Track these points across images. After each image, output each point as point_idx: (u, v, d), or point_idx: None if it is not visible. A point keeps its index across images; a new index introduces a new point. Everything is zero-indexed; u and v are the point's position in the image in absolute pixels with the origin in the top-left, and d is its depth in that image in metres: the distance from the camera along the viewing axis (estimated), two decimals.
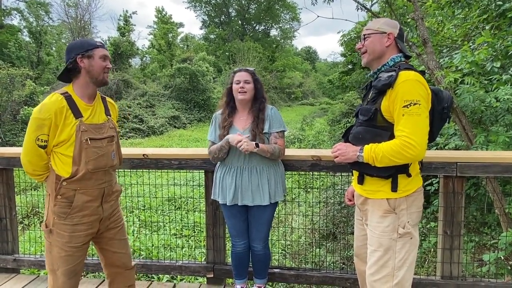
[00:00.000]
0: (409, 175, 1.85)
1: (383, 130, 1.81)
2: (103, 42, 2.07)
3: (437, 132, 1.96)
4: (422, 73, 1.85)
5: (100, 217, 2.06)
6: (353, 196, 2.24)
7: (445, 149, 4.23)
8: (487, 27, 4.44)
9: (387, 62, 1.88)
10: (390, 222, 1.85)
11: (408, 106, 1.70)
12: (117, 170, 2.47)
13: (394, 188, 1.83)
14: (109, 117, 2.11)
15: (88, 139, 1.95)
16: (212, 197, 2.62)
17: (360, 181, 1.96)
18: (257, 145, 2.33)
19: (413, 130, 1.69)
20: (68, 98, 1.95)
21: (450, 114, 2.14)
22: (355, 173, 2.02)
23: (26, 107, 14.39)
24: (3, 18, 24.98)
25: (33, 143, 1.91)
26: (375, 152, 1.76)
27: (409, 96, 1.70)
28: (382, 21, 1.94)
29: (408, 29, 4.73)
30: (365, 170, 1.89)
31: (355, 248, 2.22)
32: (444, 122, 1.95)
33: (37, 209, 6.36)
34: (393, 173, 1.82)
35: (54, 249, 1.99)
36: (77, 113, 1.94)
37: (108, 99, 2.20)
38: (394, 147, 1.71)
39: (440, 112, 1.86)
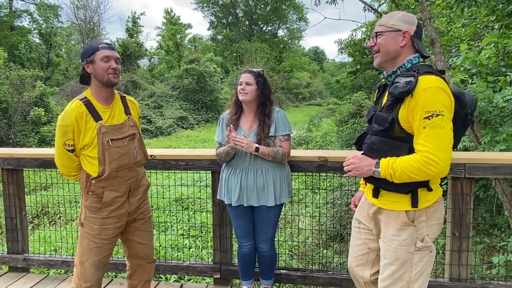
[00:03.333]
0: (430, 190, 1.68)
1: (401, 142, 1.64)
2: (109, 43, 2.11)
3: (459, 139, 1.80)
4: (443, 72, 1.68)
5: (127, 210, 2.16)
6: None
7: (454, 150, 4.19)
8: (496, 26, 4.40)
9: (404, 64, 1.69)
10: (408, 235, 1.69)
11: (430, 117, 1.52)
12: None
13: (415, 204, 1.67)
14: (129, 115, 2.17)
15: (109, 140, 2.03)
16: (217, 197, 2.63)
17: (375, 195, 1.79)
18: (256, 149, 2.34)
19: (436, 145, 1.52)
20: (87, 103, 2.04)
21: (474, 119, 1.99)
22: (369, 186, 1.85)
23: (36, 108, 14.55)
24: (13, 20, 25.30)
25: (62, 148, 2.04)
26: (393, 168, 1.59)
27: (431, 106, 1.52)
28: (397, 16, 1.71)
29: None
30: (382, 185, 1.72)
31: (351, 261, 2.02)
32: (466, 128, 1.78)
33: (46, 209, 6.43)
34: (413, 189, 1.65)
35: (84, 241, 2.11)
36: (96, 117, 2.03)
37: (128, 97, 2.26)
38: (414, 163, 1.54)
39: (463, 118, 1.67)
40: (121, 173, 2.09)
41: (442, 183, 1.89)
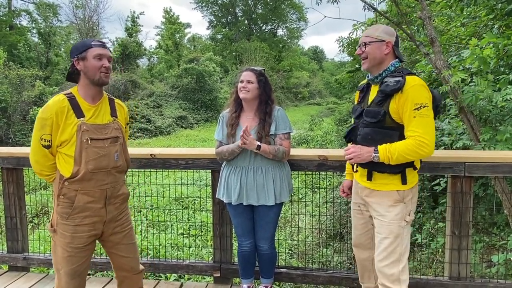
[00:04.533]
0: (415, 169, 2.05)
1: (392, 131, 1.96)
2: (101, 40, 2.04)
3: None
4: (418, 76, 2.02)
5: (103, 219, 2.04)
6: (349, 189, 2.42)
7: (453, 148, 4.20)
8: (495, 26, 4.40)
9: (388, 68, 2.02)
10: (399, 211, 2.02)
11: (419, 109, 1.87)
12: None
13: (404, 181, 2.01)
14: (114, 118, 2.09)
15: (89, 139, 1.94)
16: (216, 196, 2.64)
17: (369, 178, 2.09)
18: (258, 147, 2.34)
19: (425, 130, 1.87)
20: (71, 98, 1.96)
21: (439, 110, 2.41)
22: (362, 170, 2.14)
23: (36, 107, 14.54)
24: (12, 19, 25.27)
25: (38, 143, 1.94)
26: (390, 152, 1.90)
27: (419, 99, 1.87)
28: (380, 29, 2.06)
29: (415, 28, 4.70)
30: (377, 168, 2.03)
31: (354, 238, 2.35)
32: (436, 118, 2.10)
33: (46, 209, 6.43)
34: (403, 169, 2.00)
35: (58, 249, 2.01)
36: (78, 113, 1.95)
37: (117, 100, 2.18)
38: (409, 146, 1.87)
39: (434, 109, 2.00)
40: (97, 176, 1.97)
41: (442, 181, 2.06)
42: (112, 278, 3.06)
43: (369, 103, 2.08)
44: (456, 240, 2.54)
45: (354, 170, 2.22)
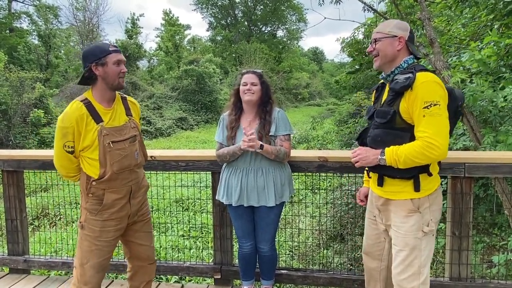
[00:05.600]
0: (430, 175, 1.87)
1: (403, 132, 1.82)
2: (116, 45, 2.08)
3: (452, 131, 1.96)
4: (433, 72, 1.85)
5: (128, 212, 2.15)
6: (365, 197, 2.27)
7: (453, 150, 4.19)
8: (496, 26, 4.40)
9: (401, 64, 1.89)
10: (415, 221, 1.87)
11: (429, 107, 1.71)
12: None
13: (417, 188, 1.85)
14: (130, 117, 2.16)
15: (110, 142, 2.01)
16: (216, 197, 2.64)
17: (380, 183, 1.96)
18: (261, 146, 2.35)
19: (435, 130, 1.71)
20: (88, 104, 2.02)
21: (464, 111, 2.19)
22: (373, 175, 2.02)
23: (36, 109, 14.55)
24: (12, 22, 25.30)
25: (62, 150, 2.02)
26: (397, 155, 1.77)
27: (429, 97, 1.72)
28: (392, 24, 1.93)
29: (415, 28, 4.70)
30: (386, 172, 1.90)
31: (365, 246, 2.23)
32: (457, 119, 1.97)
33: (47, 211, 6.43)
34: (415, 174, 1.83)
35: (85, 243, 2.10)
36: (97, 119, 2.01)
37: (129, 98, 2.25)
38: (417, 148, 1.72)
39: (454, 110, 1.87)
40: (122, 175, 2.08)
41: (443, 183, 1.98)
42: (112, 280, 3.06)
43: (382, 103, 1.96)
44: (457, 240, 2.54)
45: (369, 176, 2.11)
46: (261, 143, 2.36)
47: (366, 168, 2.16)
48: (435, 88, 1.74)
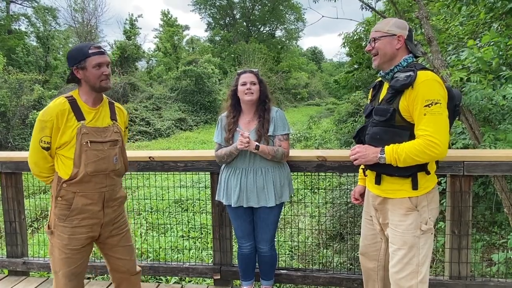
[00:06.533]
0: (428, 173, 1.87)
1: (402, 130, 1.82)
2: (98, 46, 2.01)
3: (450, 128, 1.96)
4: (432, 71, 1.85)
5: (100, 221, 2.05)
6: (360, 196, 2.27)
7: (452, 148, 4.19)
8: (494, 25, 4.40)
9: (400, 63, 1.88)
10: (413, 220, 1.87)
11: (430, 105, 1.71)
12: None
13: (415, 186, 1.85)
14: (114, 121, 2.10)
15: (89, 141, 1.95)
16: (216, 198, 2.63)
17: (378, 181, 1.95)
18: (257, 147, 2.34)
19: (436, 129, 1.71)
20: (72, 101, 1.97)
21: (460, 110, 2.19)
22: (371, 174, 2.00)
23: (35, 111, 14.53)
24: (11, 23, 25.27)
25: (38, 145, 1.95)
26: (398, 153, 1.76)
27: (430, 95, 1.72)
28: (391, 22, 1.92)
29: (413, 27, 4.70)
30: (384, 171, 1.88)
31: (362, 247, 2.22)
32: (455, 118, 1.97)
33: (46, 213, 6.41)
34: (413, 172, 1.83)
35: (55, 250, 2.02)
36: (79, 116, 1.96)
37: (117, 104, 2.20)
38: (417, 146, 1.72)
39: (453, 109, 1.87)
40: (96, 178, 1.99)
41: (442, 182, 1.97)
42: (111, 283, 3.05)
43: (380, 101, 1.95)
44: (456, 239, 2.54)
45: (365, 174, 2.11)
46: (256, 143, 2.35)
47: (362, 166, 2.15)
48: (436, 86, 1.74)
